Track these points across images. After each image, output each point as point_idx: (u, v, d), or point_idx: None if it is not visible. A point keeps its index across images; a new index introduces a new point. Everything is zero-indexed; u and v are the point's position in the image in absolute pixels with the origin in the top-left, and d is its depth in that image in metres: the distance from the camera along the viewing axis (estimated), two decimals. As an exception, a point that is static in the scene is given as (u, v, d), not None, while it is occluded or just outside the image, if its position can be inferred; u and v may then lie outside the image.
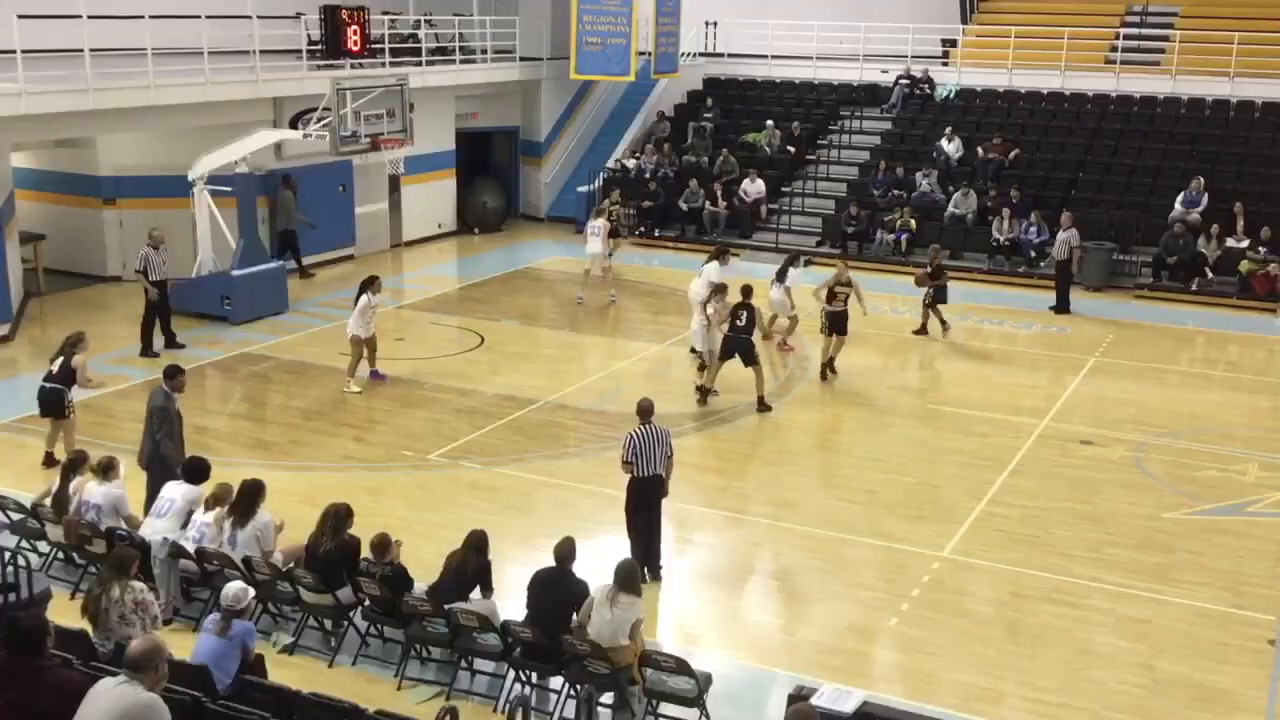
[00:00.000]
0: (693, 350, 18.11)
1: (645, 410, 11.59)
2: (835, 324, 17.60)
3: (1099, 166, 25.92)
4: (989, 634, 10.71)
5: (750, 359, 16.11)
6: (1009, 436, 15.49)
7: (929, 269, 19.90)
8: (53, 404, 13.48)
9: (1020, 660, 10.26)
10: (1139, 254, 23.68)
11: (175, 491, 10.92)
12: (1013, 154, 26.27)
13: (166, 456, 11.85)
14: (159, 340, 18.21)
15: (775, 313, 19.27)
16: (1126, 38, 28.21)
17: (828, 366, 17.70)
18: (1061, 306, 21.80)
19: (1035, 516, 13.13)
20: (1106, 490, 13.90)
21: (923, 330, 20.04)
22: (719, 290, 16.82)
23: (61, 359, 13.57)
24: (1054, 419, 16.21)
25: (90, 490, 11.01)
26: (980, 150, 26.44)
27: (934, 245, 21.45)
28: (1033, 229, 23.93)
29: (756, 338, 16.41)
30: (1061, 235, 21.77)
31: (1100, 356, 19.19)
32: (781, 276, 19.11)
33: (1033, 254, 23.92)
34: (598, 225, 21.65)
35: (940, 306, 19.93)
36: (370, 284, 16.74)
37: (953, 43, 30.22)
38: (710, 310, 16.72)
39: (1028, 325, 21.13)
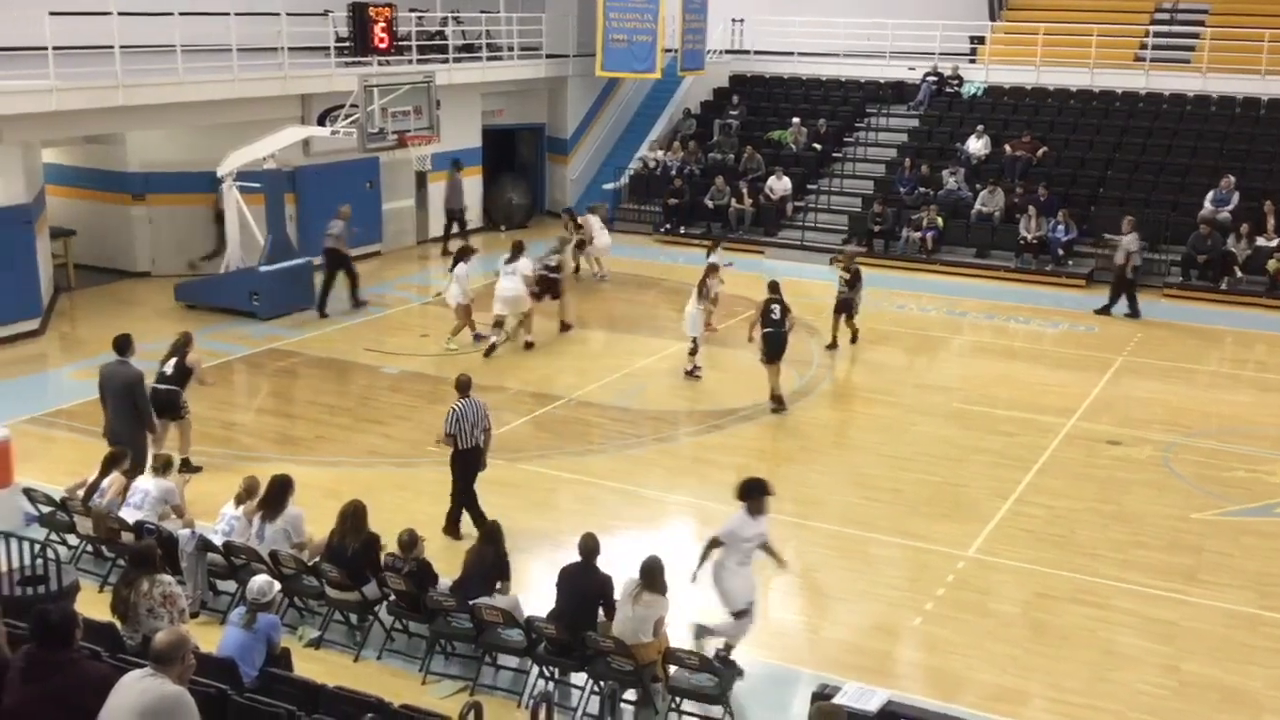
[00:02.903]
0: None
1: (464, 385, 12.16)
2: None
3: (1127, 165, 25.74)
4: (1014, 634, 10.66)
5: (778, 355, 16.13)
6: (1035, 436, 15.41)
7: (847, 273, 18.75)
8: (168, 405, 13.29)
9: (1045, 661, 10.21)
10: (1168, 253, 23.49)
11: (148, 483, 11.15)
12: (1040, 152, 26.12)
13: (147, 422, 12.41)
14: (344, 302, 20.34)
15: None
16: (1156, 35, 27.99)
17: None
18: (1107, 310, 21.39)
19: (1061, 516, 13.05)
20: (1134, 490, 13.81)
21: (834, 344, 18.98)
22: (713, 270, 17.68)
23: (174, 360, 13.47)
24: (1081, 418, 16.11)
25: (143, 480, 11.23)
26: (1008, 148, 26.30)
27: (851, 248, 21.05)
28: (1060, 227, 23.79)
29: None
30: (1122, 240, 21.41)
31: (1128, 356, 19.06)
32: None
33: (1060, 252, 23.77)
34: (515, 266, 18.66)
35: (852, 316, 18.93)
36: (465, 254, 18.47)
37: (980, 39, 30.07)
38: (708, 291, 17.32)
39: (1054, 324, 21.01)
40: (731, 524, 9.77)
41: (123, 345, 12.70)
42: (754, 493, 9.79)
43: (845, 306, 18.81)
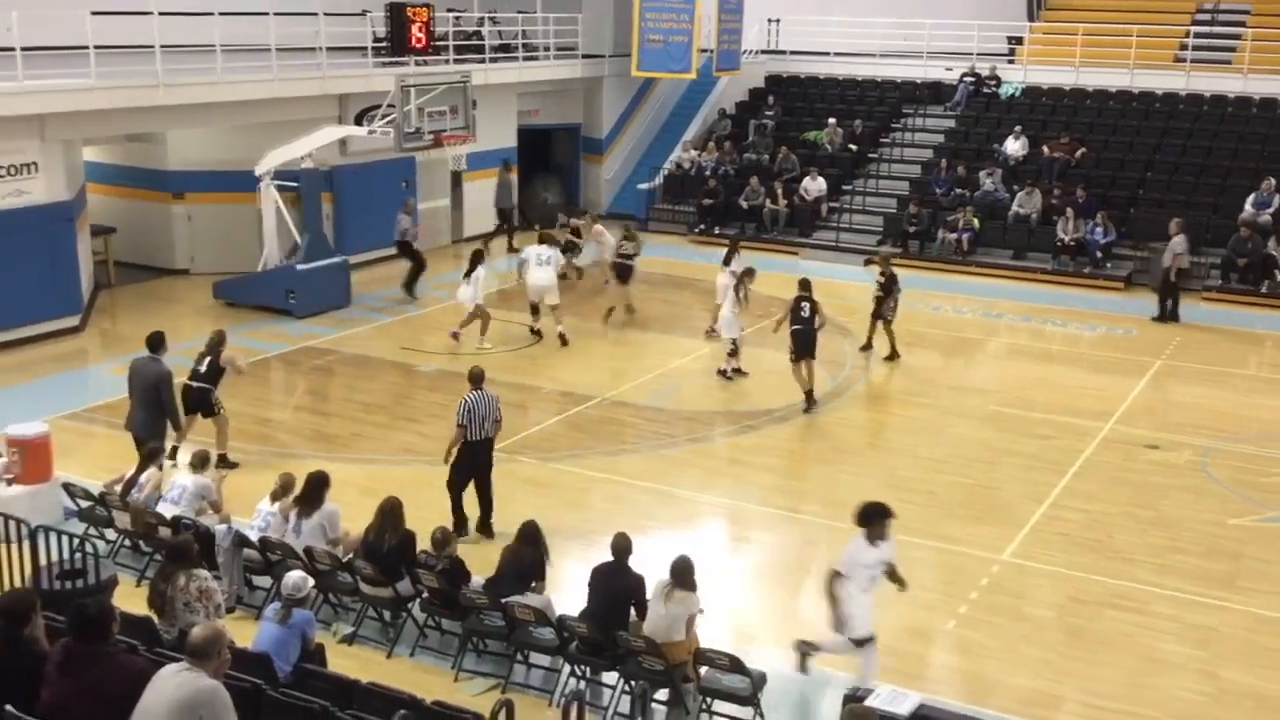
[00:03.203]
0: (709, 332, 19.06)
1: (477, 378, 12.27)
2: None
3: (1167, 166, 25.50)
4: (1049, 638, 10.58)
5: (809, 352, 16.12)
6: (1072, 439, 15.29)
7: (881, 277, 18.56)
8: (201, 403, 13.65)
9: (1080, 666, 10.13)
10: (1207, 255, 23.25)
11: (186, 479, 11.29)
12: (1079, 153, 25.92)
13: (174, 421, 12.70)
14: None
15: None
16: (1197, 35, 27.71)
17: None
18: (1162, 316, 21.07)
19: (1098, 521, 12.95)
20: (1171, 495, 13.68)
21: (869, 345, 18.75)
22: (749, 273, 17.57)
23: (209, 358, 13.72)
24: (1118, 422, 15.98)
25: (182, 476, 11.37)
26: (1046, 149, 26.12)
27: (886, 249, 20.72)
28: (1098, 229, 23.60)
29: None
30: (1170, 242, 21.13)
31: (1167, 359, 18.88)
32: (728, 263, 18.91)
33: (1098, 254, 23.58)
34: (545, 254, 19.38)
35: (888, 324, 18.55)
36: (481, 258, 18.60)
37: (1019, 40, 29.86)
38: (742, 293, 17.23)
39: (1092, 327, 20.84)
40: (850, 552, 9.34)
41: (155, 343, 12.94)
42: (874, 518, 9.32)
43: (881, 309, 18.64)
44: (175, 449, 13.46)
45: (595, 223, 22.72)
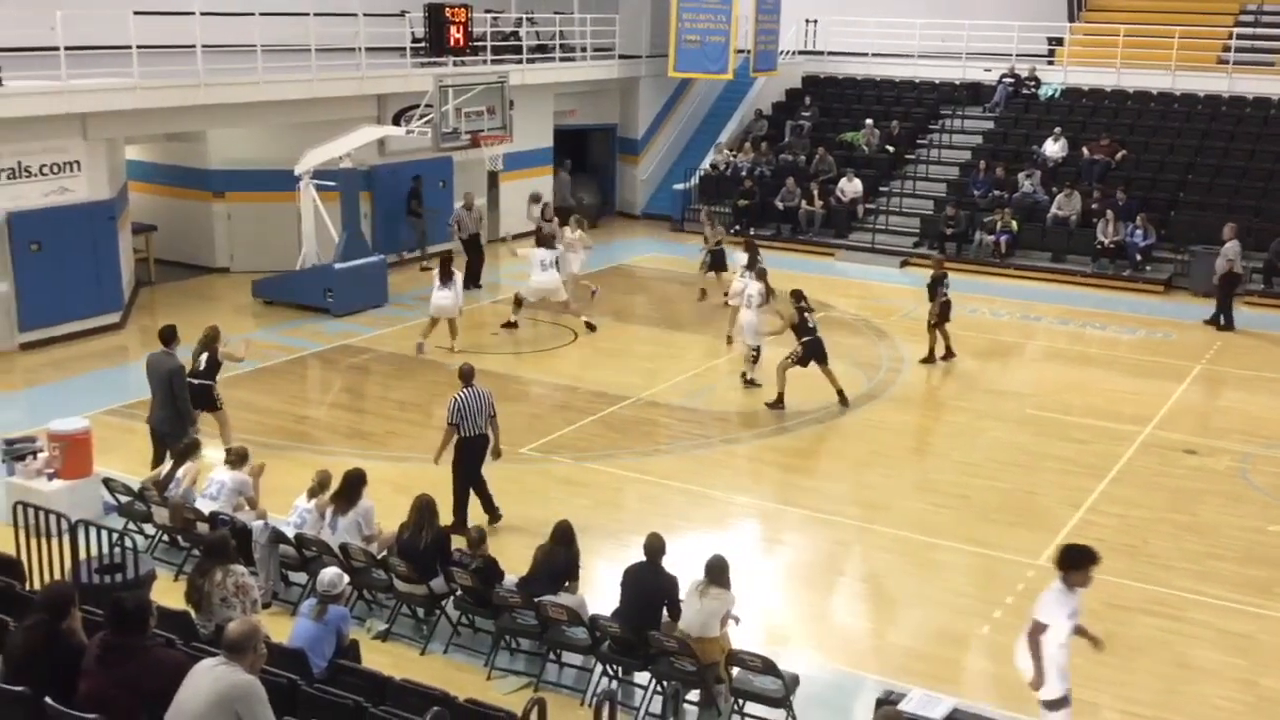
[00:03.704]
0: (730, 340, 18.85)
1: (466, 374, 12.40)
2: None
3: (1209, 169, 25.23)
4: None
5: (825, 357, 16.17)
6: (1109, 444, 15.16)
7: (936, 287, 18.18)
8: (202, 399, 13.39)
9: (1116, 672, 10.04)
10: (1249, 260, 22.95)
11: (224, 475, 11.35)
12: (1119, 155, 25.69)
13: (186, 415, 12.67)
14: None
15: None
16: (1240, 37, 27.40)
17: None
18: (1217, 320, 20.81)
19: (1134, 526, 12.84)
20: (1210, 501, 13.55)
21: (930, 358, 18.47)
22: (761, 275, 17.52)
23: (206, 355, 13.65)
24: (1157, 427, 15.83)
25: (220, 472, 11.44)
26: (1085, 151, 25.91)
27: (935, 256, 20.44)
28: (1138, 232, 23.38)
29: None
30: (1225, 246, 20.96)
31: (1207, 364, 18.69)
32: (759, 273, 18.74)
33: (1138, 257, 23.37)
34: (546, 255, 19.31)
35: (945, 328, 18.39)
36: (450, 264, 18.15)
37: (1059, 41, 29.63)
38: (760, 297, 17.11)
39: (1131, 330, 20.66)
40: (1049, 601, 8.37)
41: (168, 337, 13.04)
42: (1079, 562, 8.32)
43: (943, 314, 18.27)
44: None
45: (577, 228, 21.21)
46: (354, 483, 10.78)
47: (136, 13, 18.02)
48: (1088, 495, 13.58)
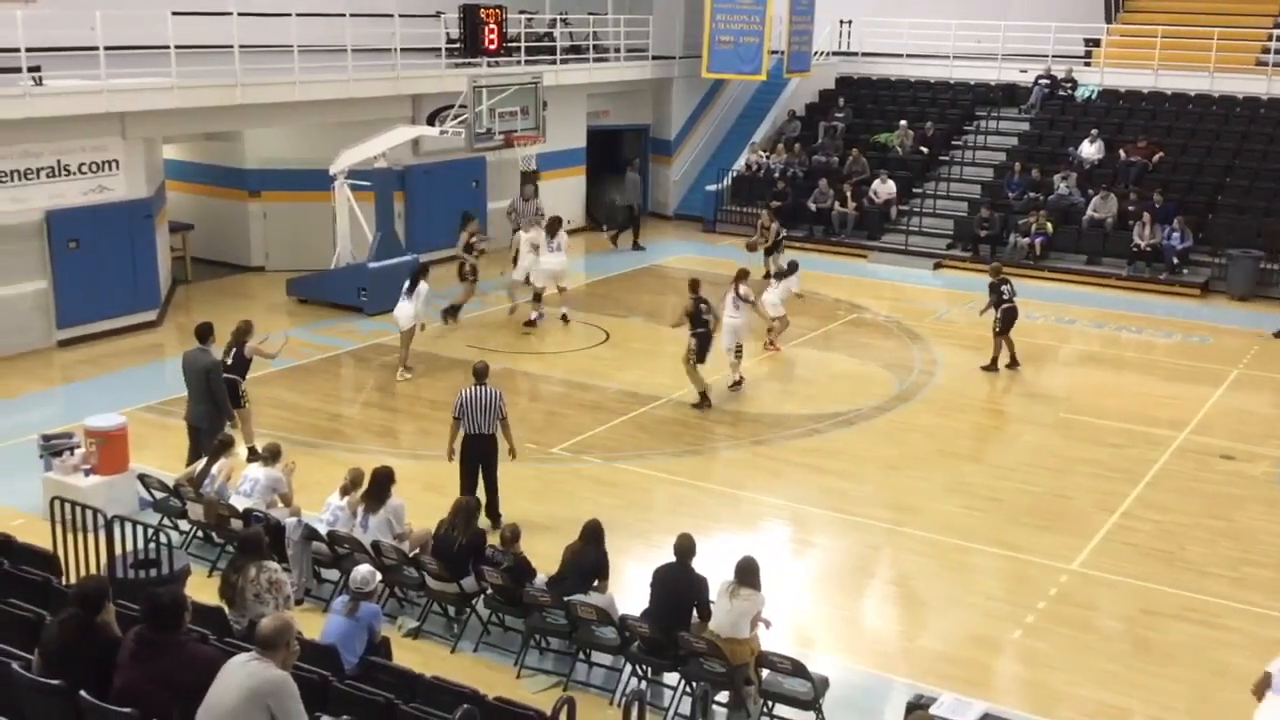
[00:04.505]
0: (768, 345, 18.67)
1: (479, 372, 12.41)
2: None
3: (1247, 171, 24.97)
4: (1117, 650, 10.43)
5: (705, 356, 16.19)
6: (1144, 448, 15.04)
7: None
8: (229, 395, 13.46)
9: (1149, 679, 9.97)
10: (1283, 263, 22.79)
11: (258, 472, 11.44)
12: (1156, 157, 25.47)
13: (224, 410, 12.85)
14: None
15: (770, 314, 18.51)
16: (1279, 39, 27.14)
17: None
18: None
19: (1170, 532, 12.73)
20: (1246, 507, 13.41)
21: (993, 365, 18.06)
22: (743, 275, 17.06)
23: (234, 350, 13.74)
24: (1193, 431, 15.69)
25: (254, 470, 11.55)
26: (1122, 153, 25.70)
27: (993, 264, 19.50)
28: (1175, 235, 23.17)
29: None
30: None
31: (1244, 369, 18.50)
32: (780, 276, 19.10)
33: (1175, 261, 23.16)
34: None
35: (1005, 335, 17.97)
36: (425, 272, 17.43)
37: (1096, 42, 29.40)
38: (743, 293, 16.71)
39: (1168, 334, 20.48)
40: None
41: (203, 333, 13.17)
42: None
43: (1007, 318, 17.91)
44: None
45: (532, 227, 20.41)
46: (382, 481, 10.84)
47: (175, 13, 18.19)
48: (1122, 500, 13.47)
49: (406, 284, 17.22)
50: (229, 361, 13.69)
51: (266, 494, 11.35)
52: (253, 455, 13.11)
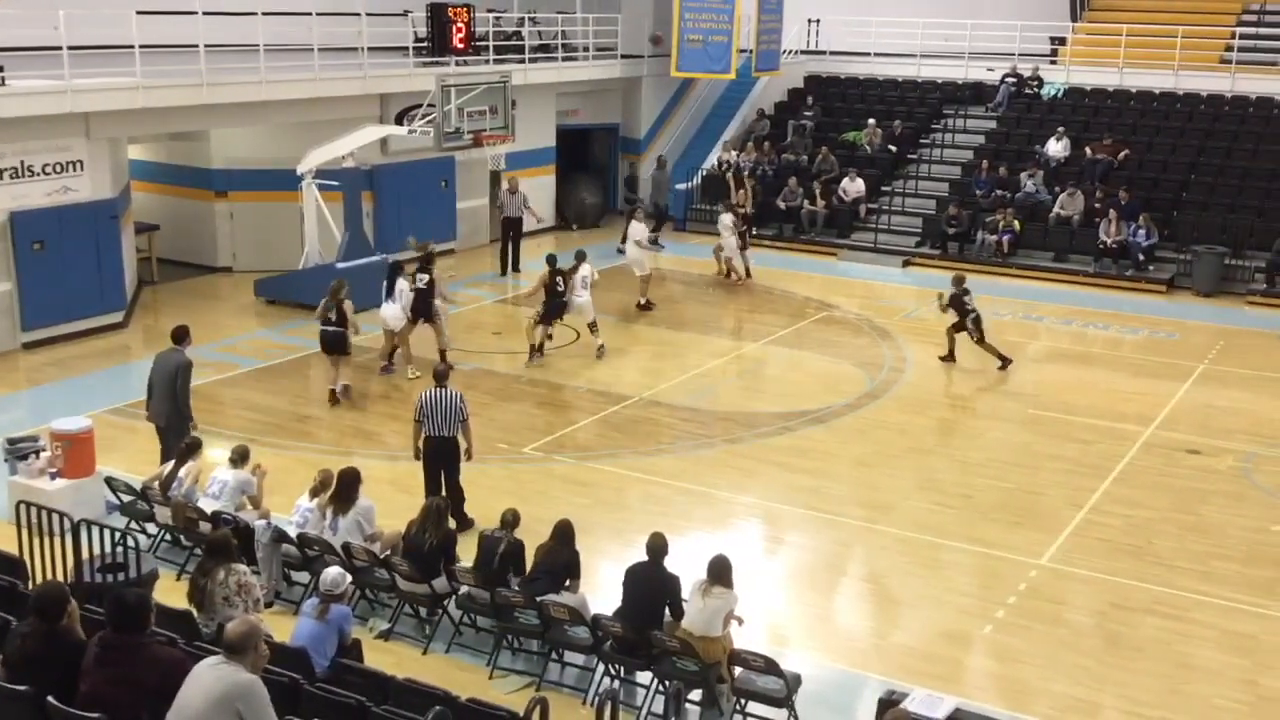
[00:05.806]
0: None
1: (440, 375, 12.51)
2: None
3: (1212, 169, 25.20)
4: (1087, 644, 10.50)
5: (553, 319, 18.03)
6: (1112, 444, 15.15)
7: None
8: (337, 343, 15.90)
9: (1119, 672, 10.04)
10: (1252, 259, 22.98)
11: (226, 474, 11.38)
12: (1122, 154, 25.66)
13: (184, 410, 12.81)
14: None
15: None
16: (1243, 37, 27.36)
17: None
18: None
19: (1138, 526, 12.83)
20: (1213, 501, 13.53)
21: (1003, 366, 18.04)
22: (575, 268, 18.20)
23: (336, 306, 15.69)
24: (1160, 427, 15.82)
25: (222, 471, 11.47)
26: (1088, 150, 25.89)
27: (955, 274, 18.77)
28: (1141, 232, 23.36)
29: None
30: None
31: (1209, 364, 18.67)
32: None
33: (1140, 257, 23.35)
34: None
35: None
36: (400, 271, 17.50)
37: (1062, 40, 29.61)
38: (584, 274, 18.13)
39: (1134, 330, 20.64)
40: None
41: (179, 336, 13.14)
42: None
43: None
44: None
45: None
46: (349, 482, 10.77)
47: (139, 12, 18.03)
48: (1091, 495, 13.57)
49: (385, 285, 17.28)
50: (332, 316, 15.65)
51: (235, 496, 11.27)
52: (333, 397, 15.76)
